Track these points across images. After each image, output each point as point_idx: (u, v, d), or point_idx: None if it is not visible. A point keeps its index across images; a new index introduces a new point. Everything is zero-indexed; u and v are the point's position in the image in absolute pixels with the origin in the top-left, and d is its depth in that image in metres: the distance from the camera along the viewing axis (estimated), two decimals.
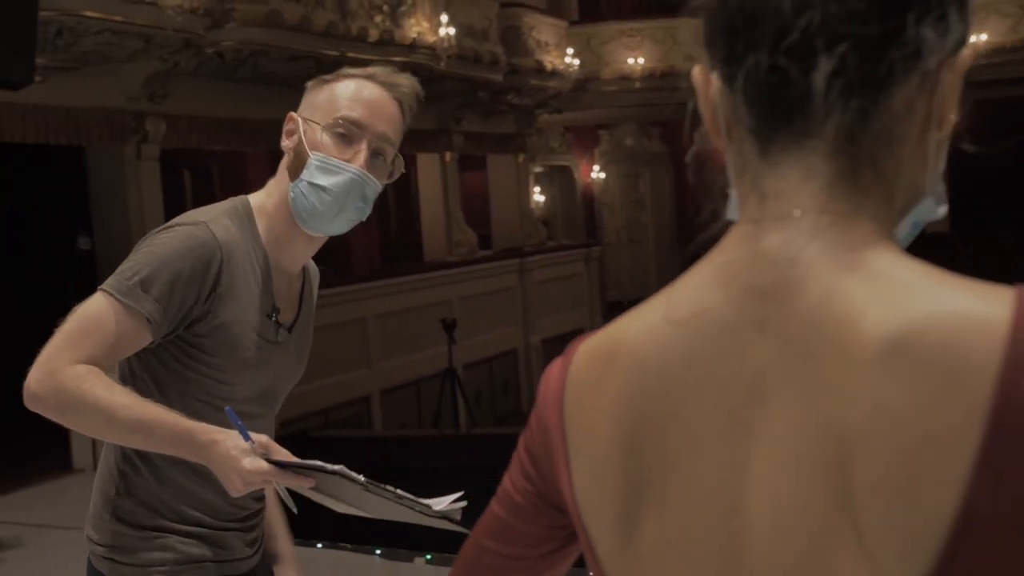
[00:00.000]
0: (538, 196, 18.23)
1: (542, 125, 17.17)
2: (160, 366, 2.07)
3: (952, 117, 0.85)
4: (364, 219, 2.16)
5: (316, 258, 2.34)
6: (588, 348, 0.93)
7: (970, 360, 0.73)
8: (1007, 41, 15.55)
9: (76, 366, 1.95)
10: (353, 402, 11.81)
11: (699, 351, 0.84)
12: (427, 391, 12.05)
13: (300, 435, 8.67)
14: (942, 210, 0.90)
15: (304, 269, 2.29)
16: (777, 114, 0.84)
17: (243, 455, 1.82)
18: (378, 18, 11.23)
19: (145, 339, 1.99)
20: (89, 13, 8.30)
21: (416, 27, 11.68)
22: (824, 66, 0.81)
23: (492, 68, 13.83)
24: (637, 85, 15.64)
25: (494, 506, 1.03)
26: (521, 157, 16.54)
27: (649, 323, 0.88)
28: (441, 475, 2.03)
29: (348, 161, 2.09)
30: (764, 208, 0.85)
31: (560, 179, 19.82)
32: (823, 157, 0.83)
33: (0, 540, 6.78)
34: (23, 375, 1.96)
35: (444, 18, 12.12)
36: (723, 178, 0.91)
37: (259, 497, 2.28)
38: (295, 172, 2.12)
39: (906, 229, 0.88)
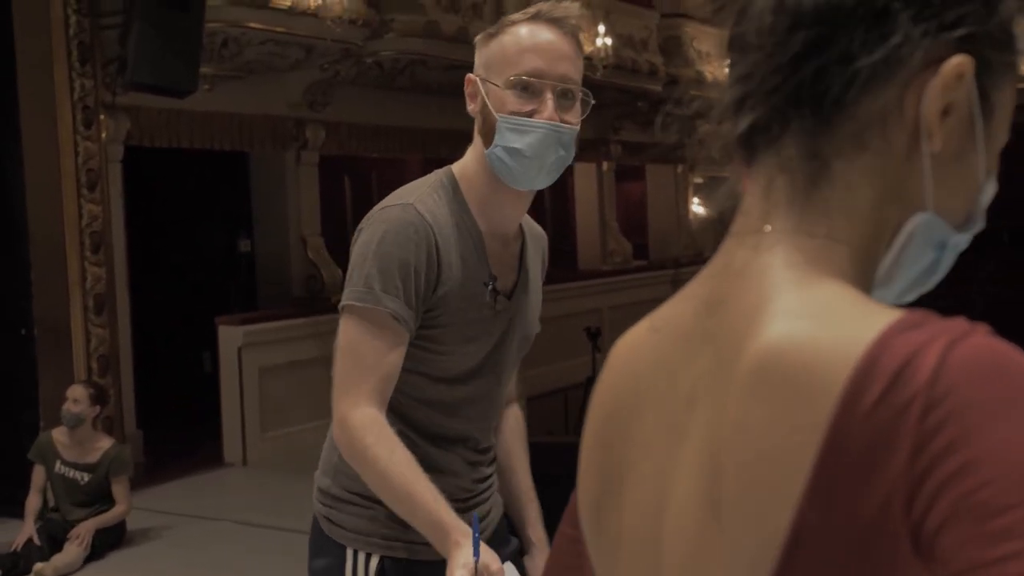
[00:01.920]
0: (697, 207, 18.06)
1: (703, 135, 16.99)
2: None
3: (951, 133, 0.82)
4: (570, 163, 2.13)
5: None
6: (615, 345, 1.00)
7: (820, 383, 0.73)
8: None
9: (361, 414, 2.00)
10: None
11: (663, 357, 0.89)
12: (573, 399, 12.09)
13: None
14: (970, 234, 0.87)
15: (522, 230, 2.25)
16: (754, 147, 0.87)
17: (462, 572, 1.90)
18: None
19: (403, 337, 2.02)
20: (253, 24, 8.61)
21: None
22: (787, 87, 0.83)
23: (651, 78, 13.78)
24: None
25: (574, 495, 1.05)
26: (680, 168, 16.42)
27: (639, 328, 0.95)
28: None
29: (536, 114, 2.04)
30: (739, 222, 0.88)
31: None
32: (780, 171, 0.85)
33: (148, 529, 7.09)
34: (186, 372, 2.06)
35: (602, 28, 12.14)
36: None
37: (485, 484, 2.28)
38: (488, 138, 2.09)
39: (920, 253, 0.85)
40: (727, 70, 0.89)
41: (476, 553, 1.92)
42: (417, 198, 2.07)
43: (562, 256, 15.27)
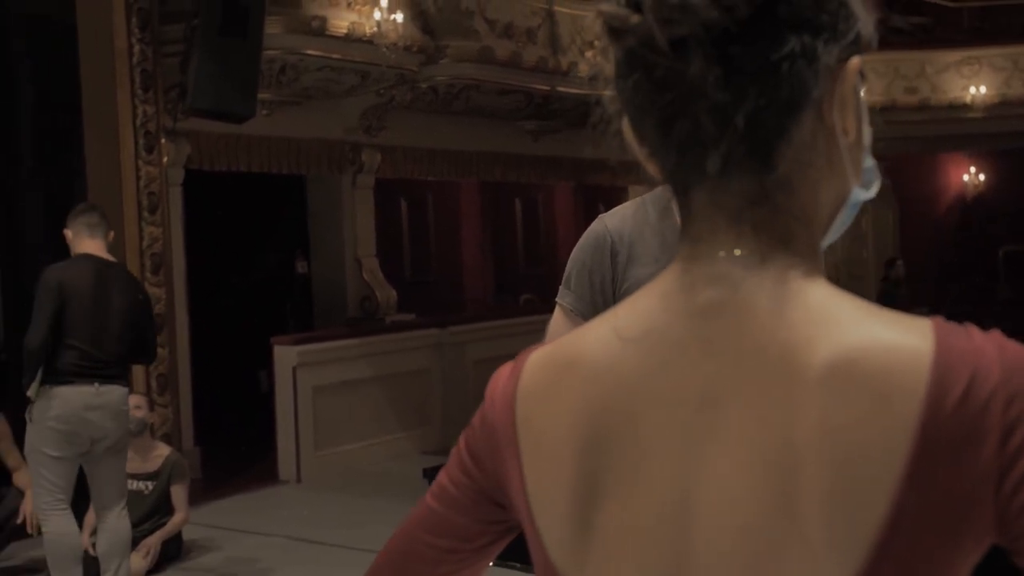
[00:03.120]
0: None
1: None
2: None
3: (853, 121, 0.93)
4: None
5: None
6: (541, 357, 1.01)
7: (901, 384, 0.83)
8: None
9: None
10: None
11: (652, 365, 0.92)
12: None
13: None
14: (875, 188, 0.99)
15: None
16: (688, 184, 0.93)
17: None
18: (589, 53, 11.39)
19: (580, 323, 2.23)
20: (310, 51, 8.80)
21: None
22: (713, 158, 0.89)
23: None
24: None
25: (429, 500, 1.08)
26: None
27: (602, 338, 0.96)
28: None
29: None
30: (696, 250, 0.93)
31: None
32: (742, 209, 0.91)
33: (204, 543, 7.25)
34: (243, 391, 2.16)
35: None
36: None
37: None
38: None
39: (841, 218, 0.97)
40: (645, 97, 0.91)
41: None
42: (611, 212, 2.42)
43: None
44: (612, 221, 2.38)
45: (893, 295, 13.92)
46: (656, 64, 0.87)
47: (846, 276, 19.00)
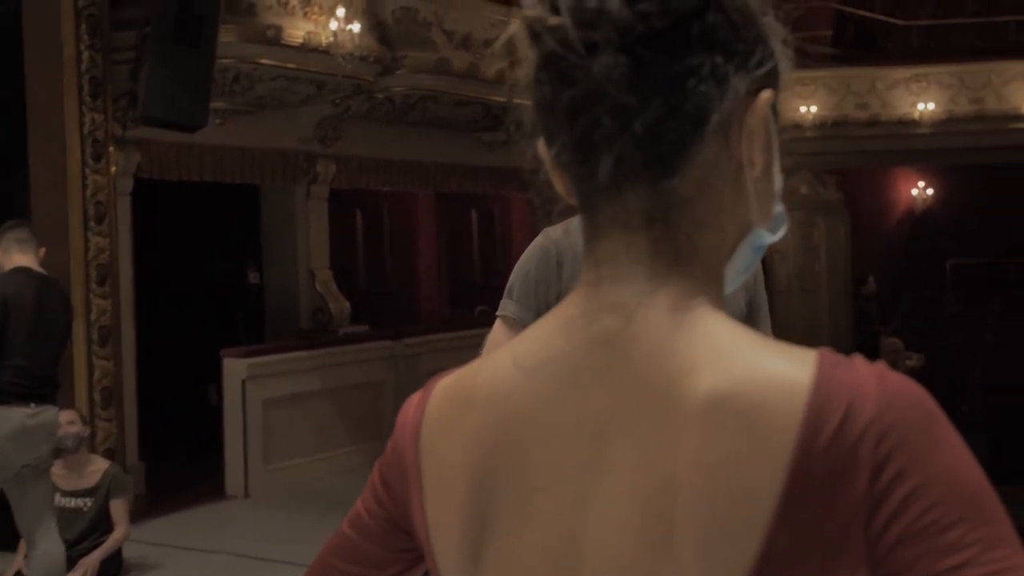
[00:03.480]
0: None
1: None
2: None
3: (762, 156, 0.92)
4: None
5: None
6: (446, 386, 1.00)
7: (776, 419, 0.82)
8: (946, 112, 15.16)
9: None
10: None
11: (548, 396, 0.91)
12: None
13: None
14: (781, 233, 0.98)
15: None
16: (591, 196, 0.92)
17: None
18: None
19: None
20: (264, 61, 8.70)
21: None
22: (605, 163, 0.88)
23: None
24: (808, 134, 15.40)
25: (344, 527, 1.08)
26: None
27: (501, 367, 0.95)
28: None
29: None
30: (599, 272, 0.92)
31: None
32: (639, 229, 0.90)
33: (145, 562, 7.11)
34: (191, 404, 2.10)
35: None
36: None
37: None
38: None
39: (743, 259, 0.96)
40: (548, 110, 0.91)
41: None
42: (555, 227, 2.37)
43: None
44: (557, 234, 2.36)
45: (868, 312, 13.99)
46: (567, 62, 0.88)
47: (799, 289, 19.13)
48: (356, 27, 9.10)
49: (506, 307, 2.36)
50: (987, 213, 17.94)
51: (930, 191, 19.14)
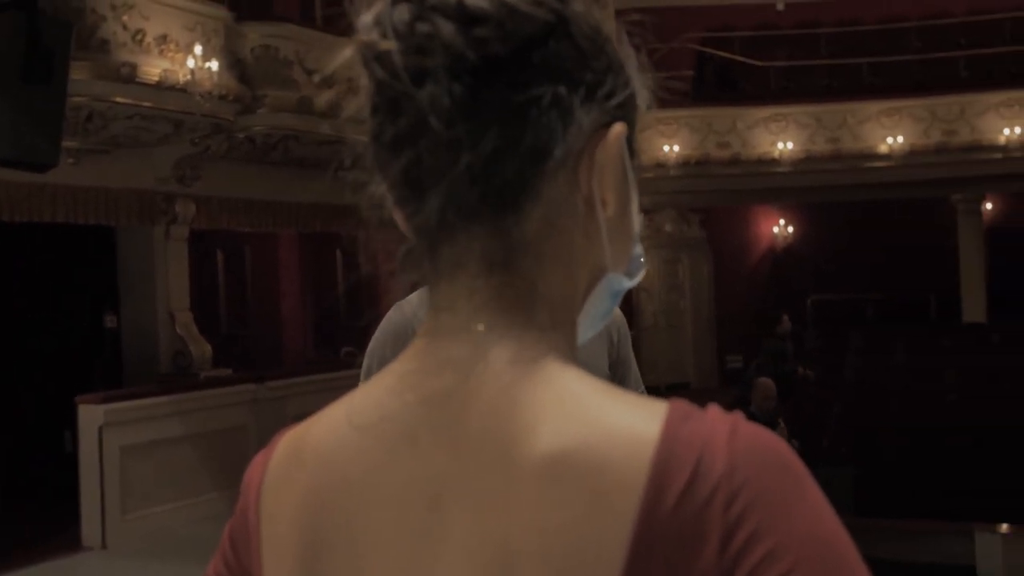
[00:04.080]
0: None
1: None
2: None
3: (615, 195, 0.86)
4: None
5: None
6: (285, 442, 0.93)
7: (618, 478, 0.75)
8: (919, 144, 15.87)
9: None
10: None
11: (378, 458, 0.84)
12: None
13: None
14: (639, 277, 0.93)
15: None
16: (427, 237, 0.86)
17: None
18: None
19: None
20: (119, 99, 8.50)
21: None
22: (434, 200, 0.82)
23: None
24: (672, 172, 15.70)
25: None
26: None
27: (333, 424, 0.88)
28: None
29: None
30: (438, 321, 0.86)
31: None
32: (478, 274, 0.84)
33: None
34: (45, 454, 1.98)
35: None
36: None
37: None
38: None
39: (599, 306, 0.90)
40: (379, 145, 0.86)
41: None
42: (408, 299, 2.20)
43: None
44: (411, 308, 2.23)
45: (783, 349, 14.14)
46: (395, 90, 0.82)
47: (665, 326, 19.43)
48: (214, 65, 8.96)
49: None
50: (846, 250, 18.49)
51: (790, 229, 19.65)
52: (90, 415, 8.80)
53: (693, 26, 17.12)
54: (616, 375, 2.51)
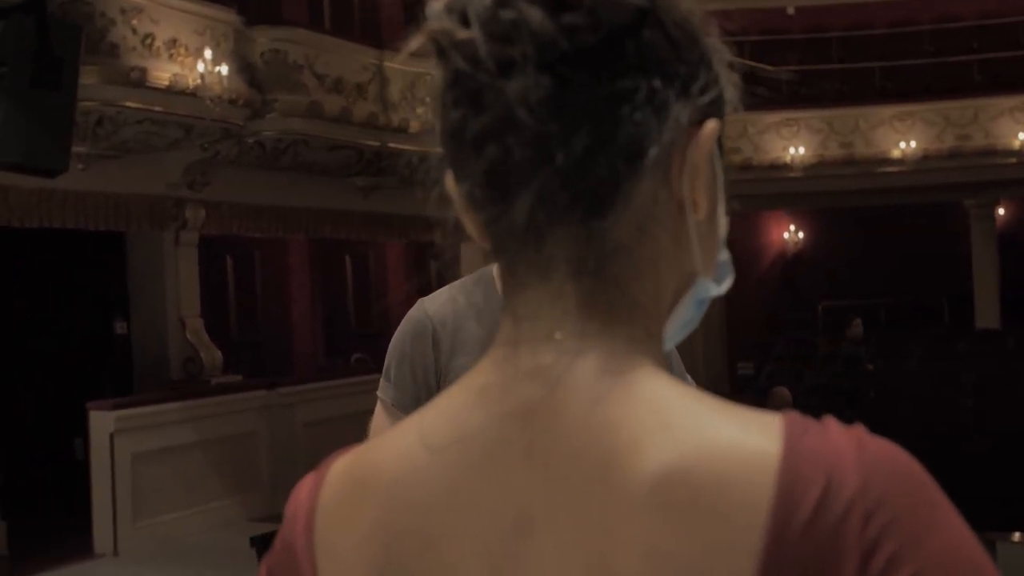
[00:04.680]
0: None
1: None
2: None
3: (706, 196, 0.80)
4: None
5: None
6: (342, 467, 0.85)
7: (739, 497, 0.69)
8: (932, 149, 15.77)
9: None
10: None
11: (459, 480, 0.78)
12: None
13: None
14: (726, 284, 0.87)
15: None
16: (509, 241, 0.79)
17: None
18: (420, 110, 11.33)
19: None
20: (129, 104, 8.47)
21: None
22: (522, 201, 0.76)
23: None
24: None
25: None
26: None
27: (404, 448, 0.81)
28: None
29: None
30: (519, 330, 0.79)
31: None
32: (565, 279, 0.78)
33: None
34: (56, 461, 1.92)
35: None
36: None
37: None
38: None
39: (686, 313, 0.85)
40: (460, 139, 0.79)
41: None
42: (432, 296, 2.24)
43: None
44: (433, 306, 2.20)
45: (857, 354, 14.00)
46: (477, 82, 0.75)
47: None
48: (224, 69, 8.93)
49: (384, 390, 2.21)
50: (858, 256, 18.41)
51: (801, 234, 19.57)
52: (101, 421, 8.76)
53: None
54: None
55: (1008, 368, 13.04)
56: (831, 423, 0.73)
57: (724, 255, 0.86)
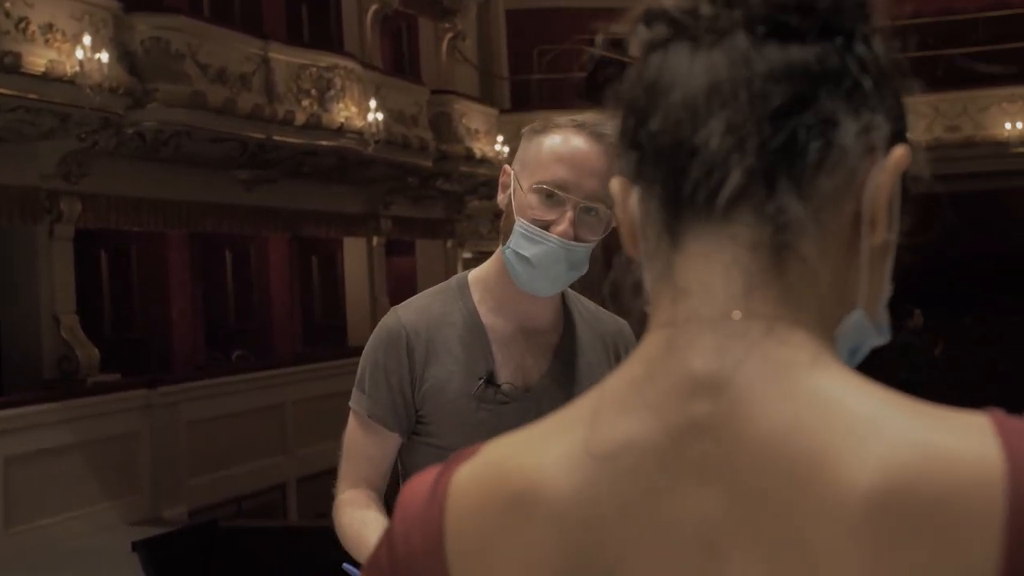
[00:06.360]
0: None
1: (472, 211, 17.13)
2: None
3: (884, 221, 0.74)
4: (582, 274, 2.10)
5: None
6: (476, 478, 0.75)
7: (965, 511, 0.62)
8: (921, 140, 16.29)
9: (344, 495, 2.16)
10: (268, 490, 11.47)
11: (633, 495, 0.69)
12: None
13: (209, 525, 8.31)
14: (884, 338, 0.79)
15: (566, 322, 2.23)
16: (692, 203, 0.72)
17: None
18: (305, 102, 11.11)
19: (386, 433, 2.16)
20: (1, 90, 8.10)
21: (344, 112, 11.56)
22: (735, 173, 0.70)
23: (421, 154, 13.74)
24: None
25: None
26: (450, 243, 16.44)
27: (569, 456, 0.72)
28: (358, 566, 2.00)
29: (553, 226, 2.02)
30: (678, 308, 0.72)
31: None
32: (745, 248, 0.71)
33: None
34: None
35: (373, 103, 12.03)
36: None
37: None
38: (505, 235, 2.10)
39: (842, 352, 0.76)
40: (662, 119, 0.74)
41: None
42: (405, 304, 2.21)
43: (332, 332, 14.99)
44: (407, 314, 2.17)
45: (916, 345, 14.05)
46: (696, 42, 0.72)
47: None
48: (104, 56, 8.60)
49: (358, 402, 2.14)
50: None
51: None
52: None
53: None
54: None
55: None
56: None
57: (884, 313, 0.79)
